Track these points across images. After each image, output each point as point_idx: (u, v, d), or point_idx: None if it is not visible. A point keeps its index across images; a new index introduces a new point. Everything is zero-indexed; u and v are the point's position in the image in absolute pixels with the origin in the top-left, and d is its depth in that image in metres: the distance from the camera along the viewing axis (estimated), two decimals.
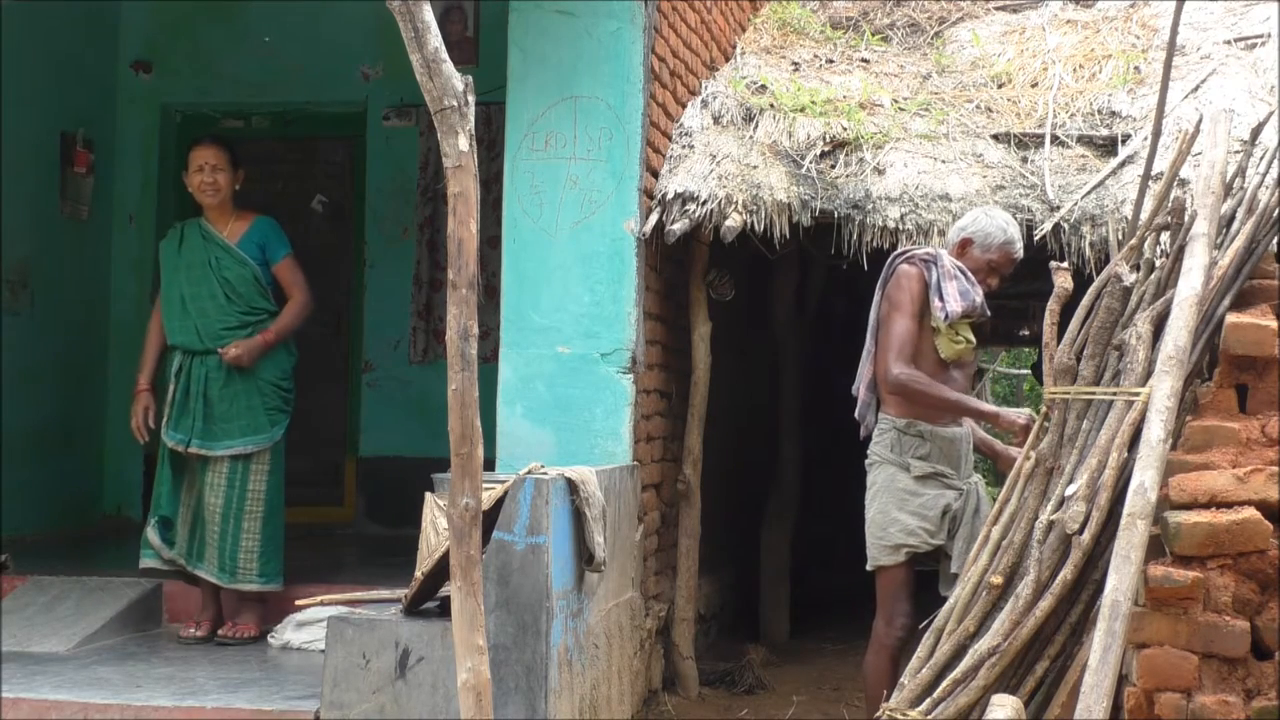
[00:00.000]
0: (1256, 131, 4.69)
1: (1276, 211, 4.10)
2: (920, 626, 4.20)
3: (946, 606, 4.08)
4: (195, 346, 6.25)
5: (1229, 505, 3.64)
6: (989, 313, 5.30)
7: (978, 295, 5.20)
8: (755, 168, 6.51)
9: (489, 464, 5.44)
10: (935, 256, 5.22)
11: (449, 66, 3.90)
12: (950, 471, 5.15)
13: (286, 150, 9.06)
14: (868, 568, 5.22)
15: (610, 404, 6.08)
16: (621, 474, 5.90)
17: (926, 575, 5.29)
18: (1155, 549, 3.68)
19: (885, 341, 5.13)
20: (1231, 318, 3.90)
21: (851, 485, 5.34)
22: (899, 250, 5.38)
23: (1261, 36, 7.15)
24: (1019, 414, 5.07)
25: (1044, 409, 4.21)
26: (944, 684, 3.84)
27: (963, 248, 5.30)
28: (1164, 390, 3.76)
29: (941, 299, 5.12)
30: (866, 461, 5.26)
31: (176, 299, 6.30)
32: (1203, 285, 3.93)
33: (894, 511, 5.11)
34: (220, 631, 6.19)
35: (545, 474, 5.12)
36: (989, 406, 5.34)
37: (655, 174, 6.48)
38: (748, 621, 8.08)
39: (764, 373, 8.46)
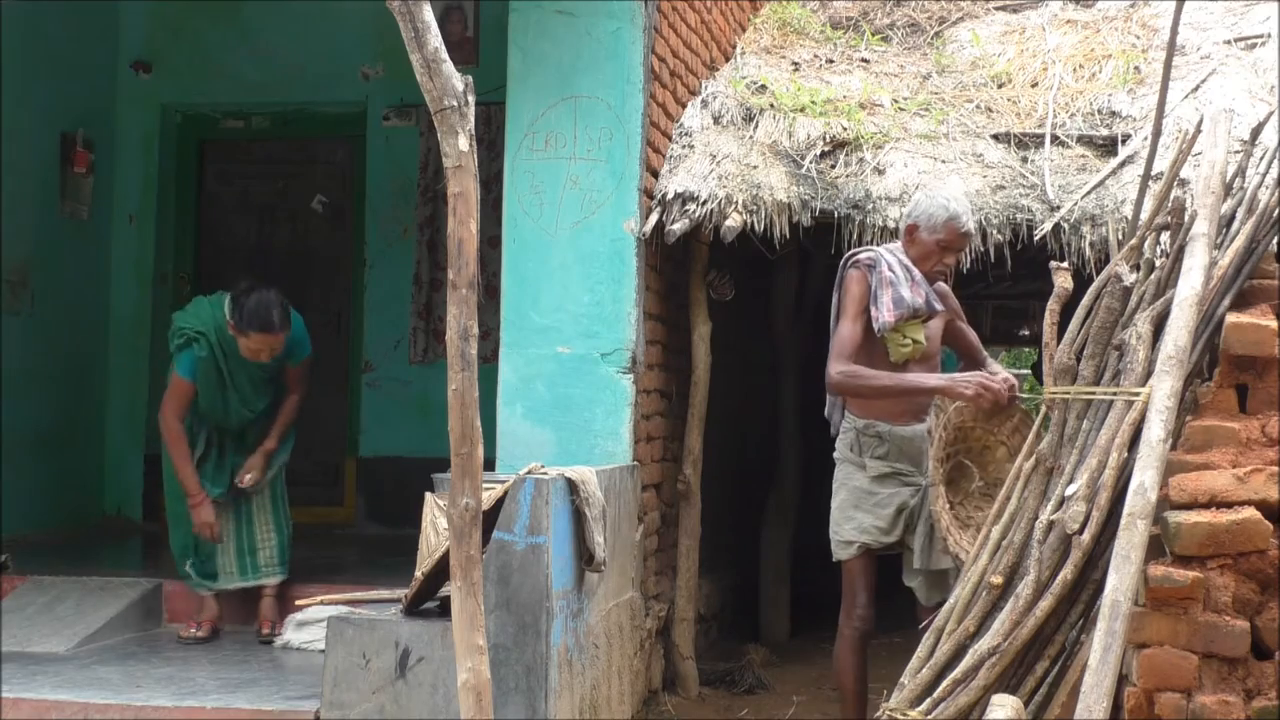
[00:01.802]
0: (1256, 131, 4.68)
1: (1276, 211, 4.10)
2: (920, 627, 4.20)
3: (946, 607, 4.08)
4: (231, 430, 6.38)
5: (1229, 505, 3.64)
6: (938, 307, 5.23)
7: (917, 298, 5.12)
8: (755, 168, 6.51)
9: (489, 464, 5.45)
10: (876, 260, 5.16)
11: (449, 66, 3.90)
12: (909, 469, 5.18)
13: (286, 150, 9.05)
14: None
15: (610, 404, 6.08)
16: (621, 474, 5.90)
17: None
18: (1155, 549, 3.68)
19: (831, 346, 5.13)
20: (1231, 318, 3.90)
21: None
22: (849, 252, 5.35)
23: (1261, 36, 7.15)
24: (968, 380, 4.98)
25: (1044, 408, 4.21)
26: (944, 684, 3.84)
27: (910, 234, 5.24)
28: (1164, 390, 3.76)
29: (876, 307, 5.10)
30: (834, 456, 5.33)
31: (220, 408, 6.28)
32: (1203, 285, 3.93)
33: (849, 509, 5.18)
34: (264, 631, 6.25)
35: (545, 474, 5.12)
36: (936, 379, 5.11)
37: (655, 174, 6.48)
38: (748, 621, 8.08)
39: (764, 373, 8.45)
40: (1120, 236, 5.94)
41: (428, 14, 3.90)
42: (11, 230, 7.73)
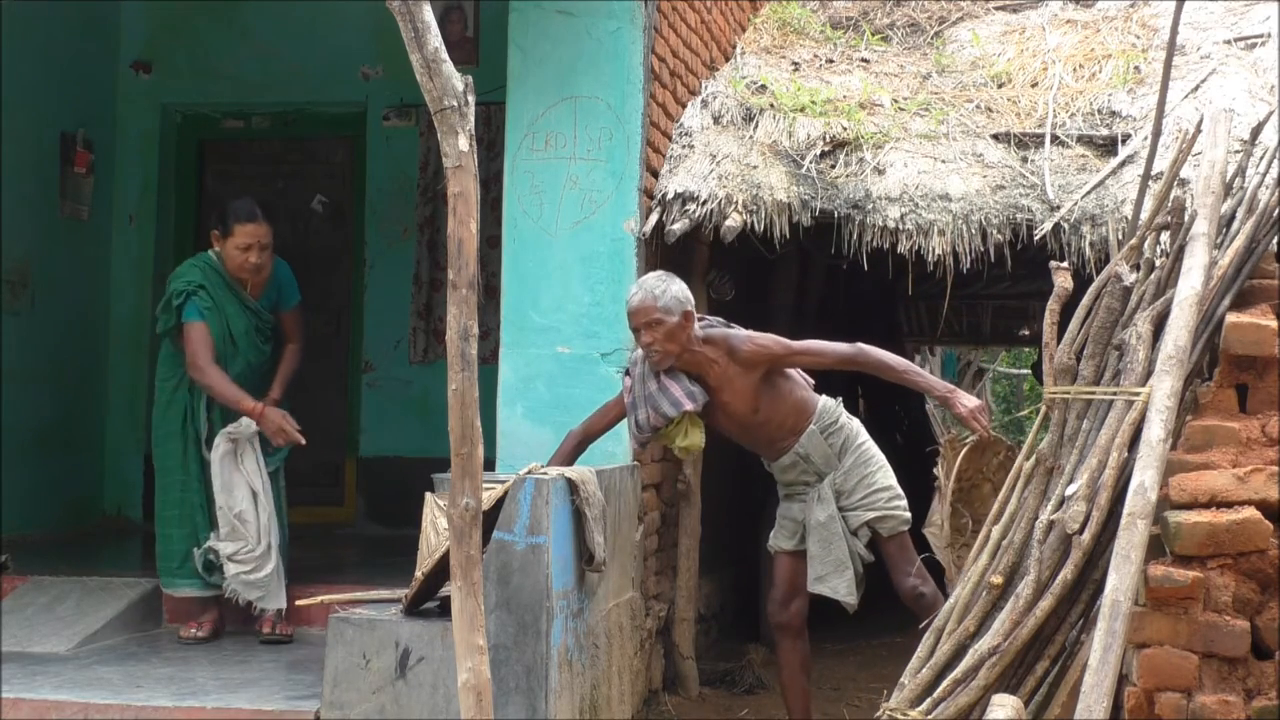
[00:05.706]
0: (1256, 131, 4.69)
1: (1276, 211, 4.10)
2: (920, 627, 4.21)
3: (946, 606, 4.09)
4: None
5: (1229, 505, 3.64)
6: (683, 407, 5.35)
7: (650, 412, 5.38)
8: (755, 168, 6.51)
9: (489, 464, 5.45)
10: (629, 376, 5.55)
11: (449, 66, 3.90)
12: (800, 489, 5.57)
13: (286, 150, 9.06)
14: None
15: None
16: (621, 474, 5.90)
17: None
18: (1155, 549, 3.69)
19: None
20: (1231, 317, 3.90)
21: None
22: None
23: (1261, 36, 7.16)
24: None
25: (1043, 408, 4.21)
26: (944, 684, 3.84)
27: None
28: (1164, 390, 3.76)
29: None
30: None
31: (224, 361, 6.23)
32: (1203, 285, 3.93)
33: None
34: (265, 631, 6.20)
35: (545, 474, 5.12)
36: None
37: (655, 174, 6.48)
38: (748, 621, 8.08)
39: None
40: (1120, 236, 5.94)
41: (428, 14, 3.91)
42: (11, 230, 7.72)
